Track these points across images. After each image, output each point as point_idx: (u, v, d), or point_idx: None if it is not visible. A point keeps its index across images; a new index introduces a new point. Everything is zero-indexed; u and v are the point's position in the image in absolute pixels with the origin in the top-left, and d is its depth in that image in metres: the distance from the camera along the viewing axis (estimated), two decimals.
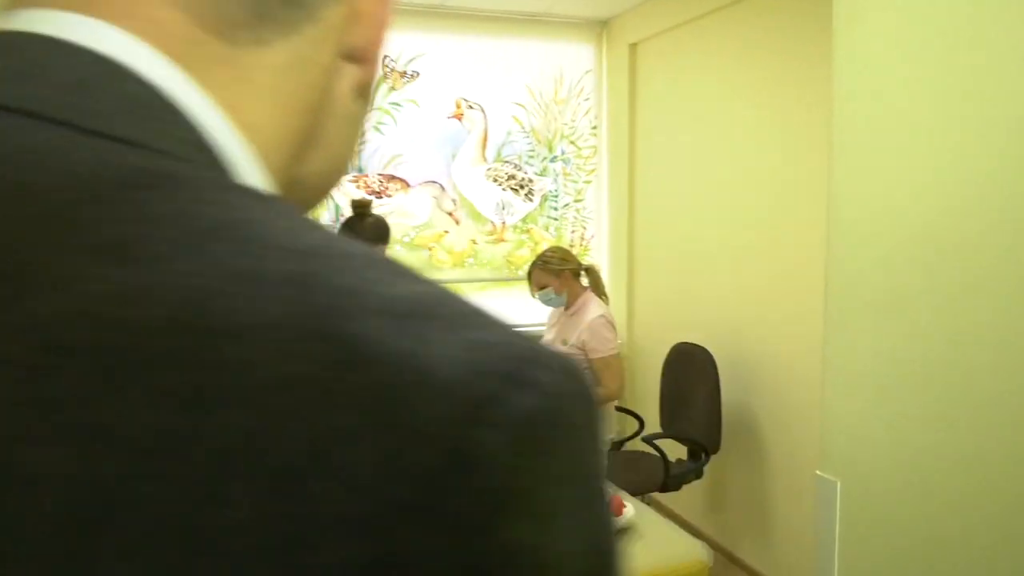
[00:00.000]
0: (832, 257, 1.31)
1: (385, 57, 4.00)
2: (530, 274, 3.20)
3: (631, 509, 2.24)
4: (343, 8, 0.35)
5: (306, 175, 0.37)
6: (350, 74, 0.37)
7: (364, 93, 0.38)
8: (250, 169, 0.31)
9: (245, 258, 0.23)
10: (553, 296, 3.15)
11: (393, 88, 4.07)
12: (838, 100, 1.30)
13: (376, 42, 0.37)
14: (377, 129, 4.06)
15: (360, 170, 4.04)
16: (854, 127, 1.28)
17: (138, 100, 0.28)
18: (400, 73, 4.09)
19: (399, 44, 4.05)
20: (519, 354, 0.23)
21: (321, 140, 0.37)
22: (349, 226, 2.55)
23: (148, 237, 0.23)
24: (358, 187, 4.04)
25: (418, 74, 4.11)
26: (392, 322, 0.22)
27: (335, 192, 0.42)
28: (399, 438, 0.21)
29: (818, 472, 1.33)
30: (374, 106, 0.42)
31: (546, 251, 3.27)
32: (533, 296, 3.24)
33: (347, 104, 0.38)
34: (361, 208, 2.56)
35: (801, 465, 3.09)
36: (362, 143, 0.48)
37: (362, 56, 0.37)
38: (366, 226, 2.50)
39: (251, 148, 0.31)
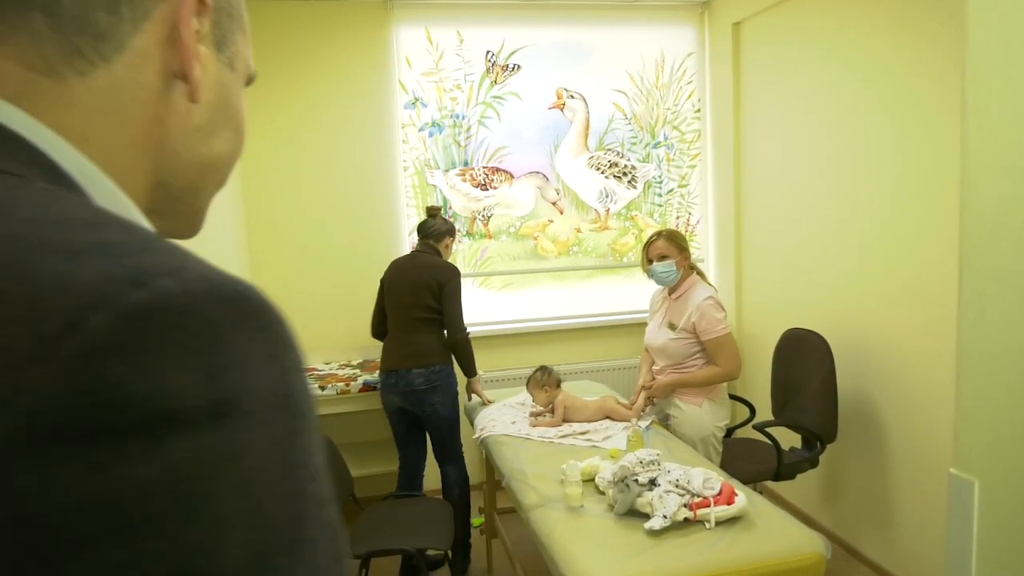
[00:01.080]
0: (966, 243, 1.23)
1: (487, 52, 4.08)
2: (650, 244, 3.08)
3: (743, 498, 2.18)
4: (155, 35, 0.44)
5: (168, 176, 0.47)
6: (183, 90, 0.46)
7: (194, 101, 0.47)
8: (87, 170, 0.41)
9: None
10: (672, 269, 3.02)
11: (495, 82, 4.15)
12: (970, 78, 1.21)
13: (184, 60, 0.45)
14: (481, 123, 4.15)
15: (466, 164, 4.15)
16: (988, 106, 1.20)
17: None
18: (502, 67, 4.16)
19: (500, 39, 4.12)
20: (148, 269, 0.32)
21: (168, 146, 0.46)
22: (424, 223, 3.42)
23: None
24: (464, 180, 4.15)
25: (519, 67, 4.17)
26: (65, 257, 0.32)
27: (222, 189, 0.54)
28: (36, 317, 0.30)
29: (952, 470, 1.23)
30: (235, 115, 0.52)
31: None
32: (645, 269, 3.11)
33: (186, 114, 0.47)
34: (433, 211, 3.47)
35: (928, 457, 2.97)
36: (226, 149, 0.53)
37: (182, 74, 0.45)
38: (437, 223, 3.41)
39: (84, 154, 0.41)
